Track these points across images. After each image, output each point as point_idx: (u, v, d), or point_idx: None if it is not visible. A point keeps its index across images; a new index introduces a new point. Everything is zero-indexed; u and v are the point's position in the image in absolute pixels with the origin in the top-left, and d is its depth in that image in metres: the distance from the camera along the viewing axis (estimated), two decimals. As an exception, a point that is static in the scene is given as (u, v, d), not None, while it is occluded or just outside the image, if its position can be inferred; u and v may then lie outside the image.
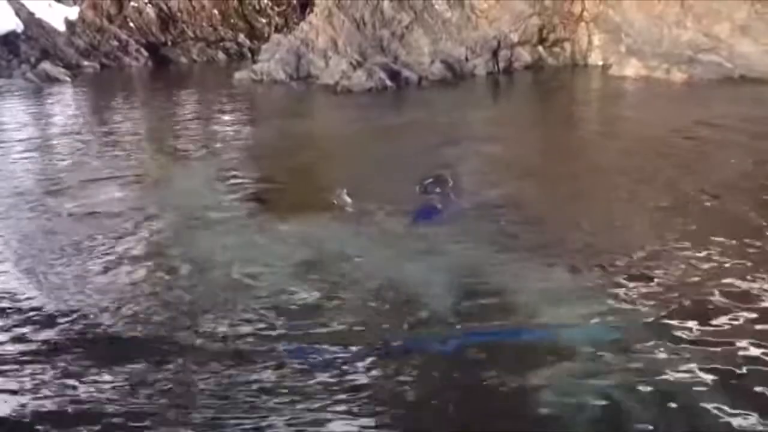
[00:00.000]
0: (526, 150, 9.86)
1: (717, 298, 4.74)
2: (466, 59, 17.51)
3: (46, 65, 20.60)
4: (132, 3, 24.43)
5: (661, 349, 4.11)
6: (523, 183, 7.83)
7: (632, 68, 16.06)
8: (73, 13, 23.86)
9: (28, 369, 4.11)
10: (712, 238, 5.80)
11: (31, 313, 4.80)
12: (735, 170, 7.97)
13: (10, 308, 4.89)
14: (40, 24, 23.02)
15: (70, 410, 3.69)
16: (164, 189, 8.17)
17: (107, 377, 3.98)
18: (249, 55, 24.28)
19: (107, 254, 5.90)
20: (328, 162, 9.73)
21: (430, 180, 7.65)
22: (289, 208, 7.14)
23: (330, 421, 3.54)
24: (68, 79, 20.00)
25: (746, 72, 14.89)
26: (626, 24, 16.98)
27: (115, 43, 23.56)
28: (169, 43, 24.72)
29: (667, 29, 16.20)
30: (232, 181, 8.31)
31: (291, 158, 9.69)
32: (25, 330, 4.57)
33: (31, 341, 4.45)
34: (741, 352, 4.03)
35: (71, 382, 3.95)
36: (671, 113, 12.13)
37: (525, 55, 17.88)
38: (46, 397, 3.82)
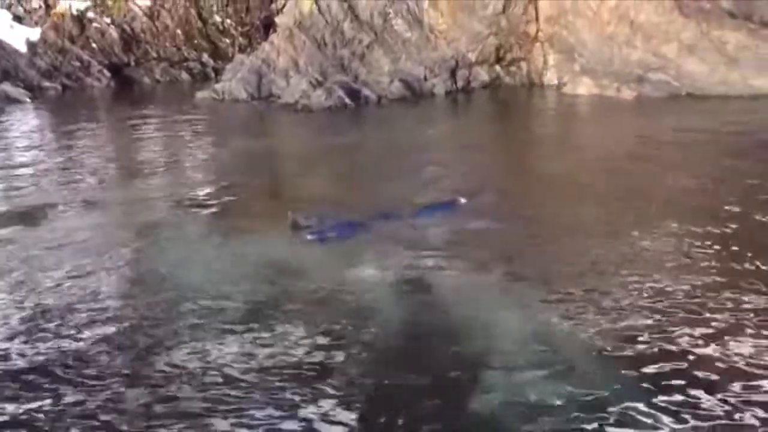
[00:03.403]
0: (481, 164, 10.12)
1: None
2: (425, 78, 17.88)
3: (5, 86, 20.47)
4: (94, 24, 24.44)
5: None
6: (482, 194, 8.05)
7: (585, 87, 16.59)
8: (34, 34, 23.77)
9: None
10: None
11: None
12: (682, 183, 8.39)
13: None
14: (1, 45, 22.87)
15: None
16: (122, 212, 8.13)
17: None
18: (213, 75, 24.38)
19: (67, 288, 5.76)
20: (286, 181, 9.86)
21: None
22: (247, 228, 7.15)
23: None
24: (28, 100, 19.90)
25: (693, 90, 15.47)
26: (579, 44, 17.52)
27: (77, 63, 23.50)
28: (132, 63, 24.73)
29: (618, 49, 16.77)
30: (190, 203, 8.30)
31: (248, 177, 9.79)
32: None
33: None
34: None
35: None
36: (619, 130, 12.57)
37: (483, 74, 18.32)
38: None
